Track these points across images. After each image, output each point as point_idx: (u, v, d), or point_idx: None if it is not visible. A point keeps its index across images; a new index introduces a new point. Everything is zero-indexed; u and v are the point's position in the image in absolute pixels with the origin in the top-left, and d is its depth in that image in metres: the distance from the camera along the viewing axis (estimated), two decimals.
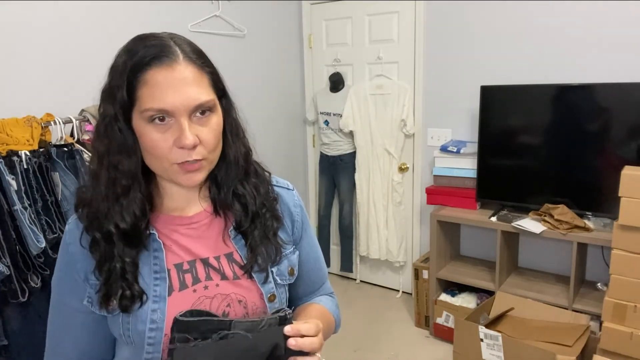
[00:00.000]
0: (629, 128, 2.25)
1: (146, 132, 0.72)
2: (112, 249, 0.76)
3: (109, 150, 0.75)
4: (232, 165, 0.83)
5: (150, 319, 0.76)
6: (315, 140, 3.69)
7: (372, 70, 3.26)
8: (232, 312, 0.81)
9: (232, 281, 0.82)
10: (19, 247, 1.71)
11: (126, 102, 0.72)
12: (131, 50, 0.73)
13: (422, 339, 2.90)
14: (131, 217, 0.75)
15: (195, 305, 0.78)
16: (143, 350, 0.76)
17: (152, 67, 0.70)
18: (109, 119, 0.74)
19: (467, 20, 2.82)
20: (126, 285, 0.75)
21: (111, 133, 0.74)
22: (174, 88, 0.70)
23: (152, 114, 0.71)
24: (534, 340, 2.23)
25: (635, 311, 1.87)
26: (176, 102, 0.70)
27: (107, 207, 0.75)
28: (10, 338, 1.73)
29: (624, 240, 1.87)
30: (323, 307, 0.97)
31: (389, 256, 3.35)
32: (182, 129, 0.71)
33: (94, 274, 0.77)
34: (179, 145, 0.72)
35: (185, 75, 0.71)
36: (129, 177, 0.75)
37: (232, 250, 0.84)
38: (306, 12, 3.51)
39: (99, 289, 0.77)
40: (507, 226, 2.49)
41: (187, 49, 0.74)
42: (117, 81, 0.72)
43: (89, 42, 2.21)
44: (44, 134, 1.90)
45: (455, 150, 2.79)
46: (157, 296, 0.76)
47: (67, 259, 0.80)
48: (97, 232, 0.76)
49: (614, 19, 2.37)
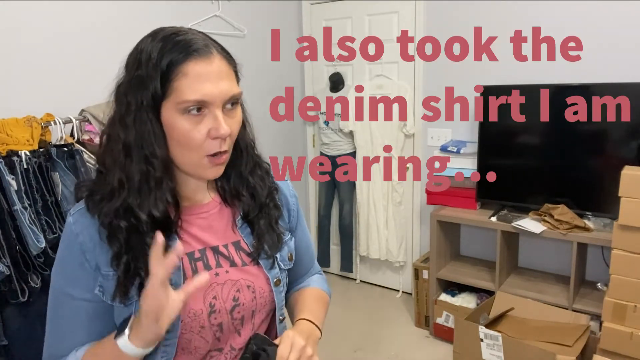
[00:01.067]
0: (629, 128, 2.25)
1: (179, 124, 0.74)
2: (139, 239, 0.75)
3: (141, 139, 0.74)
4: (242, 155, 0.86)
5: None
6: (315, 140, 3.69)
7: (372, 70, 3.26)
8: (242, 297, 0.85)
9: (241, 268, 0.86)
10: (19, 247, 1.71)
11: (159, 93, 0.73)
12: (166, 42, 0.73)
13: (422, 339, 2.90)
14: (164, 205, 0.77)
15: (207, 291, 0.81)
16: None
17: (192, 59, 0.72)
18: (138, 109, 0.74)
19: (467, 20, 2.82)
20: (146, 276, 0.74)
21: (141, 123, 0.74)
22: (212, 80, 0.73)
23: (191, 104, 0.72)
24: (534, 340, 2.23)
25: (635, 311, 1.87)
26: (214, 93, 0.73)
27: (138, 197, 0.75)
28: (10, 338, 1.73)
29: (624, 240, 1.87)
30: (316, 289, 1.04)
31: (389, 256, 3.35)
32: (219, 120, 0.74)
33: (110, 265, 0.77)
34: (214, 136, 0.74)
35: (221, 68, 0.75)
36: (163, 166, 0.76)
37: (239, 239, 0.88)
38: (306, 12, 3.51)
39: (117, 281, 0.76)
40: (507, 226, 2.49)
41: (217, 45, 0.77)
42: (150, 72, 0.72)
43: (89, 42, 2.21)
44: (44, 134, 1.90)
45: (455, 150, 2.79)
46: (172, 284, 0.76)
47: (75, 248, 0.78)
48: (122, 221, 0.75)
49: (614, 19, 2.37)
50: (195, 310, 0.80)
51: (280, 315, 0.93)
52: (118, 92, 0.77)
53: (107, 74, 0.81)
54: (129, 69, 0.76)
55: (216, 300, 0.82)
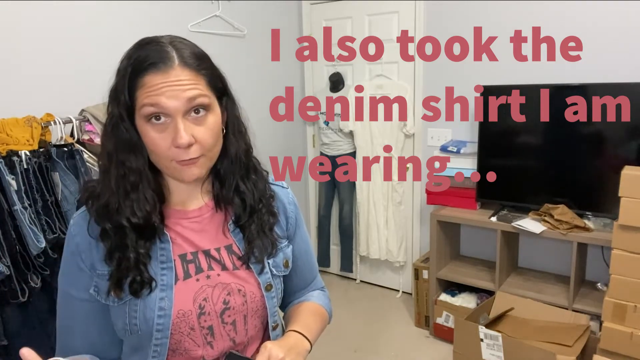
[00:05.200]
0: (629, 128, 2.25)
1: (146, 132, 0.77)
2: (124, 240, 0.79)
3: (117, 148, 0.79)
4: (233, 161, 0.87)
5: (158, 306, 0.80)
6: (315, 140, 3.69)
7: (372, 70, 3.26)
8: (233, 300, 0.86)
9: (232, 272, 0.87)
10: (19, 247, 1.71)
11: (128, 104, 0.77)
12: (132, 56, 0.77)
13: (422, 339, 2.90)
14: (143, 212, 0.80)
15: (198, 293, 0.83)
16: (151, 337, 0.80)
17: (149, 72, 0.75)
18: (115, 119, 0.78)
19: (467, 20, 2.82)
20: (137, 273, 0.79)
21: (117, 132, 0.78)
22: (168, 91, 0.75)
23: (148, 110, 0.75)
24: (534, 340, 2.23)
25: (635, 311, 1.86)
26: (169, 103, 0.75)
27: (117, 201, 0.79)
28: (10, 338, 1.72)
29: (624, 240, 1.87)
30: (315, 304, 1.03)
31: (389, 256, 3.35)
32: (177, 129, 0.75)
33: (104, 261, 0.80)
34: (175, 145, 0.76)
35: (179, 78, 0.76)
36: (137, 173, 0.79)
37: (231, 243, 0.89)
38: (306, 12, 3.51)
39: (109, 276, 0.80)
40: (507, 226, 2.49)
41: (185, 53, 0.78)
42: (120, 84, 0.77)
43: (89, 42, 2.21)
44: (44, 134, 1.90)
45: (455, 150, 2.79)
46: (164, 285, 0.81)
47: (73, 250, 0.83)
48: (107, 224, 0.80)
49: (614, 19, 2.37)
50: (184, 310, 0.82)
51: (273, 322, 0.92)
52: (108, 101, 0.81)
53: (107, 74, 0.81)
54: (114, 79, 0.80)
55: (206, 302, 0.84)
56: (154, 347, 0.81)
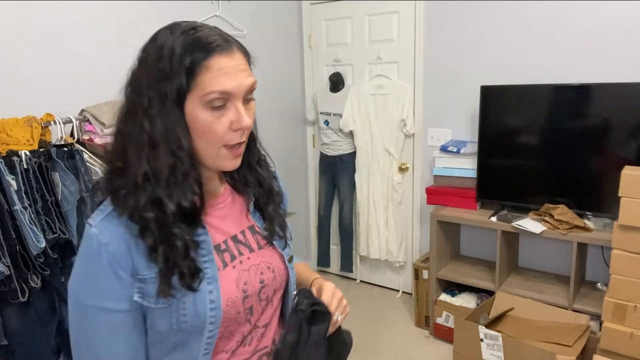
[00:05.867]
0: (628, 128, 2.25)
1: (202, 117, 0.76)
2: (170, 229, 0.76)
3: (168, 132, 0.75)
4: (252, 145, 0.92)
5: (209, 299, 0.80)
6: (315, 140, 3.69)
7: (372, 70, 3.26)
8: (266, 278, 0.90)
9: (258, 251, 0.91)
10: (19, 247, 1.70)
11: (184, 87, 0.74)
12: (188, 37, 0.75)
13: (422, 339, 2.90)
14: (192, 195, 0.78)
15: (238, 279, 0.85)
16: (202, 330, 0.80)
17: (216, 54, 0.75)
18: (163, 102, 0.75)
19: (467, 20, 2.82)
20: (188, 263, 0.77)
21: (166, 116, 0.75)
22: (233, 73, 0.77)
23: (215, 96, 0.75)
24: (534, 340, 2.23)
25: (635, 311, 1.87)
26: (236, 86, 0.77)
27: (167, 189, 0.76)
28: (10, 338, 1.72)
29: (624, 240, 1.87)
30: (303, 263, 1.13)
31: (389, 256, 3.35)
32: (240, 112, 0.78)
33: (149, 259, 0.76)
34: (236, 128, 0.78)
35: (240, 62, 0.79)
36: (189, 156, 0.77)
37: (252, 224, 0.93)
38: (306, 12, 3.51)
39: (159, 273, 0.76)
40: (507, 226, 2.49)
41: (234, 40, 0.82)
42: (175, 66, 0.74)
43: (89, 42, 2.21)
44: (44, 134, 1.90)
45: (455, 150, 2.79)
46: (209, 277, 0.81)
47: (106, 260, 0.76)
48: (150, 213, 0.75)
49: (614, 19, 2.37)
50: (232, 298, 0.83)
51: (294, 289, 0.98)
52: (135, 85, 0.77)
53: (107, 74, 0.82)
54: (148, 62, 0.76)
55: (247, 286, 0.86)
56: (206, 340, 0.81)
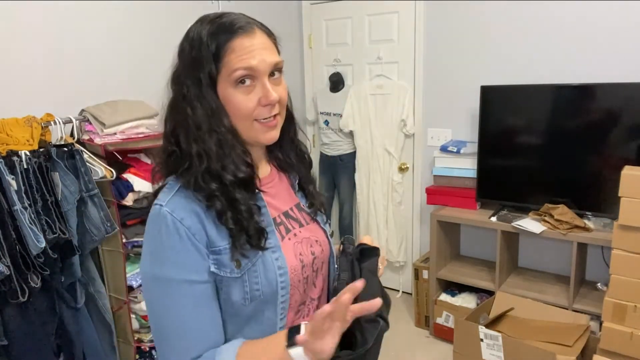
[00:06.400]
0: (629, 128, 2.25)
1: (233, 96, 0.83)
2: (232, 195, 0.83)
3: (207, 114, 0.83)
4: (292, 124, 0.97)
5: (276, 265, 0.85)
6: (315, 140, 3.69)
7: (372, 70, 3.26)
8: (316, 250, 0.95)
9: (306, 226, 0.97)
10: (19, 247, 1.71)
11: (214, 71, 0.82)
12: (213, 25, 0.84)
13: (422, 339, 2.90)
14: (245, 166, 0.85)
15: (295, 249, 0.91)
16: (276, 296, 0.85)
17: (238, 36, 0.82)
18: (199, 88, 0.83)
19: (467, 20, 2.82)
20: (252, 225, 0.83)
21: (204, 99, 0.83)
22: (256, 51, 0.82)
23: (241, 74, 0.81)
24: (534, 340, 2.23)
25: (635, 311, 1.87)
26: (260, 65, 0.82)
27: (219, 161, 0.83)
28: (10, 338, 1.72)
29: (624, 240, 1.87)
30: None
31: (389, 256, 3.34)
32: (266, 88, 0.83)
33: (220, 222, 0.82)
34: (265, 103, 0.83)
35: (262, 40, 0.85)
36: (231, 132, 0.84)
37: (298, 201, 0.99)
38: (306, 12, 3.51)
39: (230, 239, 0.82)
40: (507, 226, 2.49)
41: (257, 22, 0.88)
42: (204, 53, 0.82)
43: (89, 42, 2.20)
44: (44, 134, 1.90)
45: (455, 150, 2.79)
46: (273, 247, 0.86)
47: (184, 235, 0.80)
48: (213, 184, 0.82)
49: (614, 19, 2.37)
50: (293, 265, 0.88)
51: (336, 262, 1.01)
52: (175, 76, 0.85)
53: (107, 74, 0.82)
54: (183, 55, 0.84)
55: (302, 257, 0.92)
56: (281, 305, 0.86)
